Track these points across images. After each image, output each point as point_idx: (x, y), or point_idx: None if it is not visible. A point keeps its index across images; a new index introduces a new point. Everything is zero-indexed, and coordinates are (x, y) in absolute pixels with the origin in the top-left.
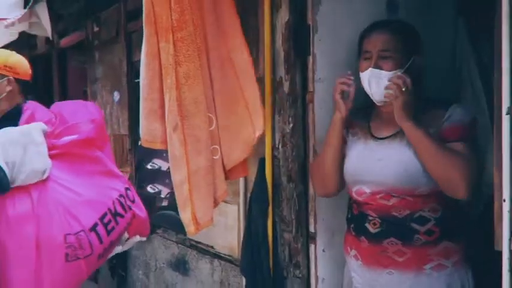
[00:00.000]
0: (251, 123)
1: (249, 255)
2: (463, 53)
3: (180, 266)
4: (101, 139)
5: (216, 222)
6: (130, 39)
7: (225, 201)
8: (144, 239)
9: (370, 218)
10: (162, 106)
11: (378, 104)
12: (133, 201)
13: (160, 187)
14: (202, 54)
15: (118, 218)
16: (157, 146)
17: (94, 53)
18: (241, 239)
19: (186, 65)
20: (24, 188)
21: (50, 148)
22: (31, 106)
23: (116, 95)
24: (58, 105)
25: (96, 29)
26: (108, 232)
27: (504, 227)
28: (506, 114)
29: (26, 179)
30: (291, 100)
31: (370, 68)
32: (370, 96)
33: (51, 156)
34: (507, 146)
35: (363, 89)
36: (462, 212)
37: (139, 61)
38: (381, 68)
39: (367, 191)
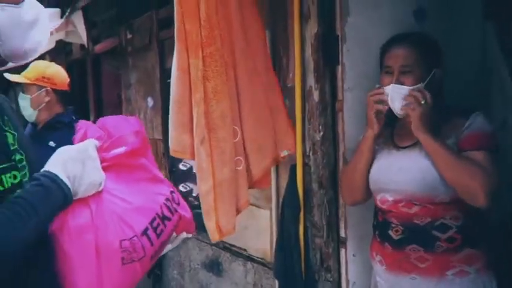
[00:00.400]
0: (276, 138)
1: (282, 259)
2: (493, 58)
3: (214, 267)
4: (144, 148)
5: (249, 226)
6: (163, 47)
7: (258, 206)
8: (190, 235)
9: (393, 225)
10: (191, 119)
11: (399, 117)
12: (178, 204)
13: (191, 186)
14: (230, 68)
15: (166, 222)
16: (186, 157)
17: (127, 59)
18: (273, 242)
19: (214, 80)
20: (83, 200)
21: (101, 161)
22: (83, 125)
23: (150, 101)
24: (102, 121)
25: (129, 36)
26: (158, 235)
27: None
28: None
29: (85, 191)
30: (321, 109)
31: (392, 84)
32: (393, 110)
33: (102, 169)
34: None
35: None
36: (484, 219)
37: (171, 68)
38: (402, 83)
39: (390, 199)
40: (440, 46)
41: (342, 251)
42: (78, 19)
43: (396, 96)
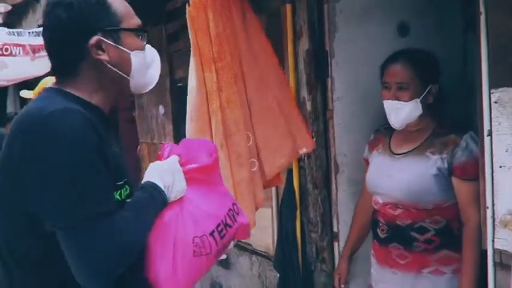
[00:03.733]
0: (292, 139)
1: (281, 252)
2: (474, 69)
3: (223, 261)
4: (214, 166)
5: None
6: (172, 59)
7: None
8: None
9: (380, 224)
10: (210, 127)
11: (396, 129)
12: (238, 213)
13: None
14: (239, 79)
15: (228, 228)
16: None
17: None
18: (275, 238)
19: (226, 91)
20: (169, 204)
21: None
22: (168, 145)
23: (161, 108)
24: (185, 141)
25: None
26: (221, 237)
27: (488, 229)
28: (487, 135)
29: (175, 197)
30: (313, 117)
31: (388, 100)
32: (390, 123)
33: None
34: (488, 162)
35: None
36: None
37: (180, 78)
38: (398, 99)
39: (380, 201)
40: (438, 62)
41: (335, 244)
42: None
43: (393, 111)
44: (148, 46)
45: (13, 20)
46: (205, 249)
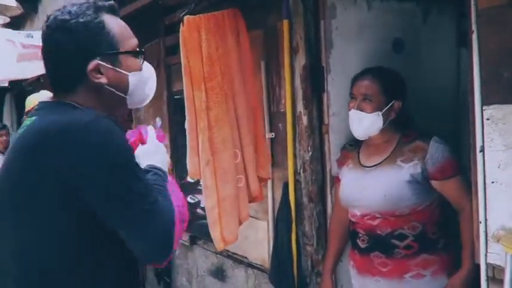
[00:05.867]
0: (257, 163)
1: (277, 265)
2: (466, 84)
3: (219, 273)
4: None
5: (249, 236)
6: (170, 71)
7: (257, 218)
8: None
9: (360, 235)
10: (198, 144)
11: (359, 139)
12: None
13: (199, 197)
14: (229, 98)
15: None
16: (198, 177)
17: None
18: (270, 251)
19: (215, 110)
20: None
21: None
22: (143, 129)
23: (158, 121)
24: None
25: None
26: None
27: (481, 244)
28: (480, 151)
29: (166, 168)
30: (309, 131)
31: (352, 110)
32: (353, 132)
33: None
34: (481, 177)
35: None
36: (442, 229)
37: (178, 91)
38: (362, 110)
39: (358, 213)
40: (404, 82)
41: None
42: None
43: (355, 120)
44: (145, 64)
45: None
46: (184, 216)
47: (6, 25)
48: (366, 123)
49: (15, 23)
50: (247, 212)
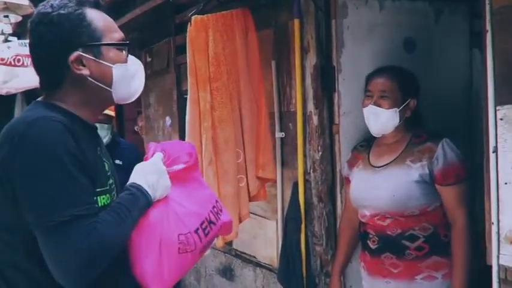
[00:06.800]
0: (258, 163)
1: (285, 265)
2: (479, 84)
3: (227, 272)
4: (196, 166)
5: (258, 235)
6: (180, 70)
7: (266, 218)
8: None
9: (370, 235)
10: (201, 143)
11: (375, 136)
12: (221, 211)
13: None
14: (234, 99)
15: (211, 225)
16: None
17: (147, 81)
18: (279, 250)
19: (219, 111)
20: (155, 203)
21: None
22: (152, 146)
23: (168, 120)
24: (162, 145)
25: (148, 59)
26: (206, 234)
27: (493, 245)
28: (493, 152)
29: (160, 196)
30: (320, 131)
31: (370, 105)
32: (369, 129)
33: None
34: (494, 178)
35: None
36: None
37: (187, 90)
38: (379, 106)
39: (368, 213)
40: (418, 81)
41: None
42: None
43: (372, 116)
44: (131, 58)
45: (23, 29)
46: (190, 247)
47: (18, 24)
48: (383, 119)
49: (27, 22)
50: (247, 211)
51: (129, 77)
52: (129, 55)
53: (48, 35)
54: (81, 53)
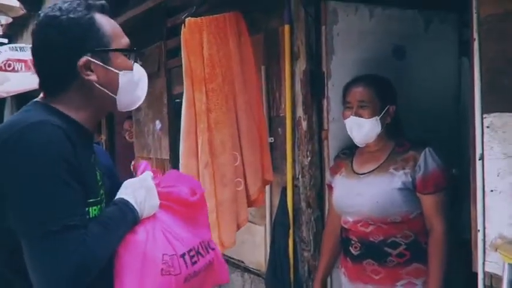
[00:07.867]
0: (262, 166)
1: (273, 270)
2: (467, 92)
3: None
4: (198, 207)
5: (246, 240)
6: (171, 74)
7: (254, 223)
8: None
9: (353, 242)
10: (197, 146)
11: (359, 145)
12: (213, 249)
13: None
14: (230, 100)
15: (199, 256)
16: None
17: None
18: (267, 255)
19: (215, 112)
20: (142, 220)
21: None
22: (143, 164)
23: (158, 123)
24: (171, 172)
25: (139, 63)
26: (192, 263)
27: (479, 252)
28: (479, 159)
29: (147, 213)
30: (309, 137)
31: (351, 116)
32: (353, 139)
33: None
34: (480, 185)
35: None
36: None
37: (178, 94)
38: (360, 116)
39: (351, 220)
40: (393, 85)
41: None
42: None
43: (355, 126)
44: (136, 65)
45: (14, 31)
46: (175, 270)
47: (8, 25)
48: (365, 129)
49: (18, 23)
50: (245, 216)
51: (134, 85)
52: (135, 63)
53: (57, 38)
54: (90, 58)
